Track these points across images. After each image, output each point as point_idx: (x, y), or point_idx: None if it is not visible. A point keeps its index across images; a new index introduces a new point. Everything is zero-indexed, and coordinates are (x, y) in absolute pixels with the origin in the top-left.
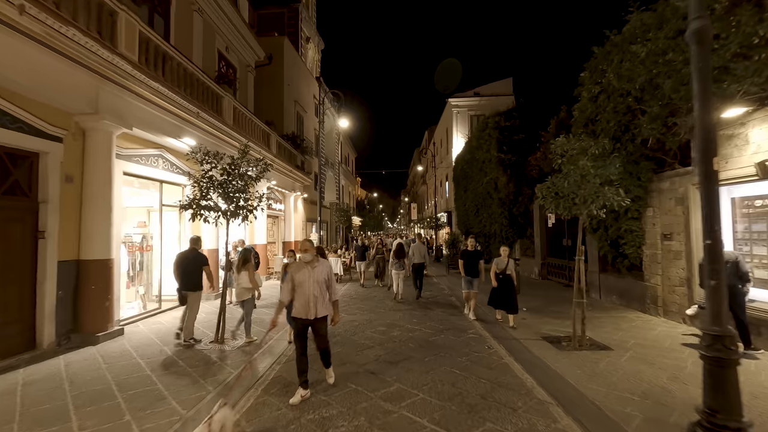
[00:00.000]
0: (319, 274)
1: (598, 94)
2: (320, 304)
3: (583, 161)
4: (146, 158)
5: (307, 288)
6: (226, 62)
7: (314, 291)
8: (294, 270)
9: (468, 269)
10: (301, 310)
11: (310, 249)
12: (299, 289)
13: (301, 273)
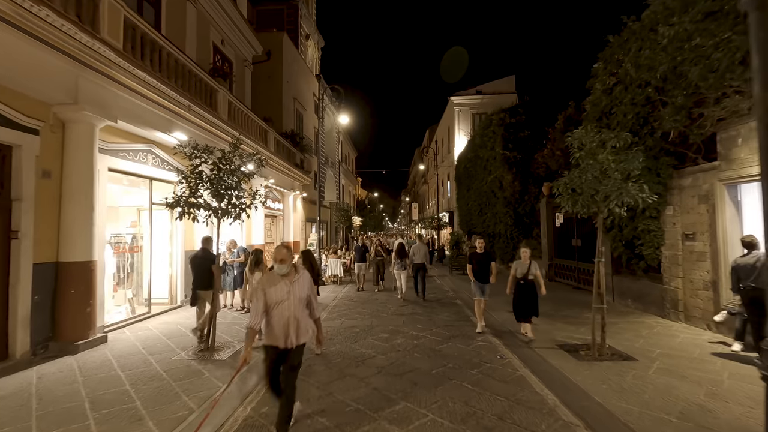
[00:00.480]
0: (300, 290)
1: (614, 86)
2: (302, 327)
3: (603, 155)
4: (134, 154)
5: (287, 308)
6: (221, 56)
7: (295, 312)
8: (267, 284)
9: (478, 274)
10: (277, 337)
11: (286, 258)
12: (275, 310)
13: (276, 289)
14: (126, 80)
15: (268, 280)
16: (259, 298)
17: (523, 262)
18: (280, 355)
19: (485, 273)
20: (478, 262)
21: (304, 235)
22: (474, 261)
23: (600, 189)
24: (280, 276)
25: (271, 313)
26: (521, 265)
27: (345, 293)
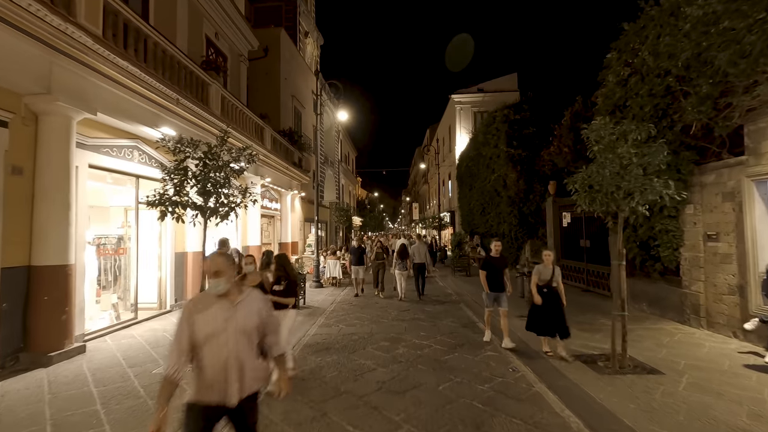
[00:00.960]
0: (245, 317)
1: (629, 77)
2: (248, 371)
3: (624, 148)
4: (119, 150)
5: (224, 345)
6: (215, 49)
7: (237, 349)
8: (194, 309)
9: (493, 282)
10: (209, 388)
11: (223, 271)
12: (207, 347)
13: (209, 316)
14: (106, 70)
15: (196, 304)
16: (181, 331)
17: (546, 266)
18: (215, 415)
19: (501, 280)
20: (492, 269)
21: (303, 236)
22: (489, 267)
23: (622, 185)
24: (216, 297)
25: (200, 352)
26: (544, 269)
27: (344, 296)
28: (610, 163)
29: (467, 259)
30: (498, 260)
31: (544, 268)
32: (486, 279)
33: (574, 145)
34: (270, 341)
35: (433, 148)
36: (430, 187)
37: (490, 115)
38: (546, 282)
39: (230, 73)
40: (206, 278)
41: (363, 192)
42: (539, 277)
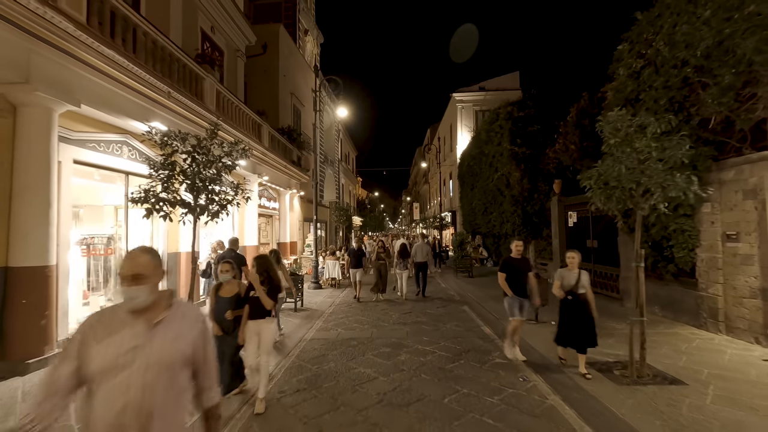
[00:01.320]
0: (164, 346)
1: (641, 69)
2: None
3: (644, 141)
4: (106, 145)
5: (123, 386)
6: (211, 43)
7: (143, 395)
8: (94, 331)
9: (516, 286)
10: None
11: (146, 276)
12: (100, 388)
13: (111, 342)
14: (91, 59)
15: (96, 323)
16: (63, 360)
17: (570, 270)
18: None
19: (524, 284)
20: (514, 271)
21: (302, 236)
22: (510, 270)
23: (642, 181)
24: (128, 313)
25: (94, 392)
26: (568, 274)
27: (343, 298)
28: (626, 157)
29: (469, 260)
30: (520, 262)
31: (567, 272)
32: (506, 282)
33: (581, 142)
34: (201, 384)
35: (434, 146)
36: (431, 186)
37: (493, 112)
38: (571, 287)
39: (227, 69)
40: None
41: (363, 192)
42: (564, 283)
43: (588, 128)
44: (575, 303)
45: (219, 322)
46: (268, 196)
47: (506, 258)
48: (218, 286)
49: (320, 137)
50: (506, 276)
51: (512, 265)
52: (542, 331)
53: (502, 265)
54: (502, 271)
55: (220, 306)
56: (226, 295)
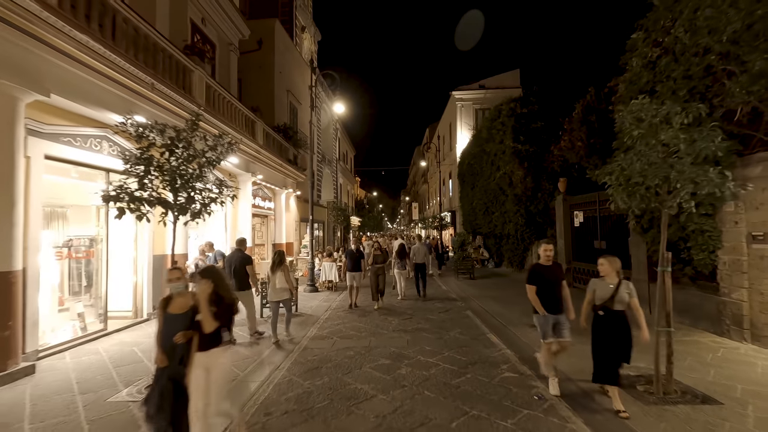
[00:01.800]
0: None
1: (657, 59)
2: None
3: (672, 132)
4: (84, 140)
5: None
6: (202, 36)
7: None
8: None
9: (549, 300)
10: None
11: None
12: None
13: None
14: (61, 44)
15: None
16: None
17: (605, 280)
18: None
19: (558, 297)
20: (546, 282)
21: (299, 236)
22: (540, 280)
23: (672, 176)
24: None
25: None
26: (601, 285)
27: (340, 302)
28: (649, 150)
29: (471, 261)
30: (551, 270)
31: (600, 282)
32: (536, 295)
33: (588, 138)
34: None
35: (434, 145)
36: (430, 186)
37: (495, 109)
38: (604, 301)
39: (219, 63)
40: None
41: (362, 192)
42: (594, 295)
43: (595, 124)
44: (610, 318)
45: (166, 348)
46: (262, 195)
47: (534, 266)
48: (167, 300)
49: (318, 136)
50: (537, 289)
51: (542, 274)
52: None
53: (531, 275)
54: (531, 283)
55: (170, 326)
56: (178, 311)
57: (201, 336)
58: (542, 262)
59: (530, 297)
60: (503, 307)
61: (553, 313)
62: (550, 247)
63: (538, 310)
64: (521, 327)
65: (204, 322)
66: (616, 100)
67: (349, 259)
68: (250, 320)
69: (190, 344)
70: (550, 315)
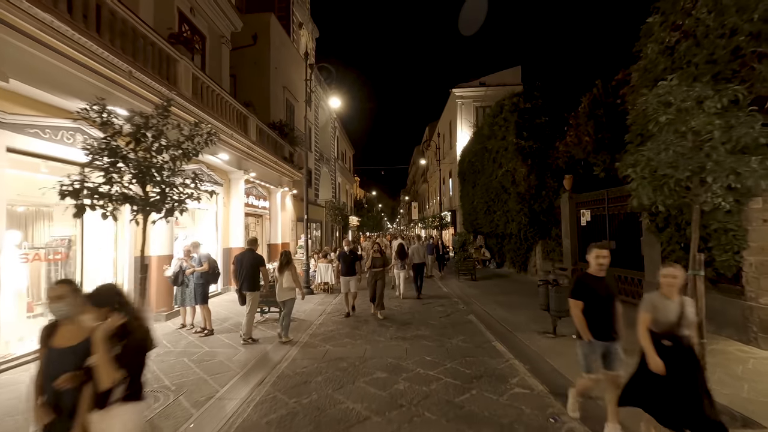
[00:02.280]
0: None
1: (676, 43)
2: None
3: (704, 118)
4: (54, 132)
5: None
6: (190, 26)
7: None
8: None
9: (598, 322)
10: None
11: None
12: None
13: None
14: (20, 23)
15: None
16: None
17: (667, 297)
18: None
19: (610, 319)
20: (597, 298)
21: (295, 236)
22: (588, 294)
23: (708, 167)
24: None
25: None
26: (663, 303)
27: (335, 305)
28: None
29: (472, 262)
30: (603, 283)
31: (661, 299)
32: (584, 316)
33: (596, 133)
34: None
35: (434, 143)
36: (430, 185)
37: (497, 104)
38: (670, 327)
39: (209, 55)
40: None
41: (361, 191)
42: (656, 317)
43: (603, 119)
44: (678, 352)
45: (49, 395)
46: (256, 194)
47: (582, 277)
48: (50, 329)
49: (315, 134)
50: (584, 307)
51: (590, 288)
52: (565, 349)
53: (576, 288)
54: (577, 297)
55: (54, 365)
56: (65, 344)
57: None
58: (592, 272)
59: (574, 316)
60: (508, 311)
61: (602, 340)
62: (606, 254)
63: (582, 333)
64: (529, 334)
65: (100, 370)
66: (629, 91)
67: (342, 263)
68: (248, 325)
69: (80, 392)
70: (598, 342)
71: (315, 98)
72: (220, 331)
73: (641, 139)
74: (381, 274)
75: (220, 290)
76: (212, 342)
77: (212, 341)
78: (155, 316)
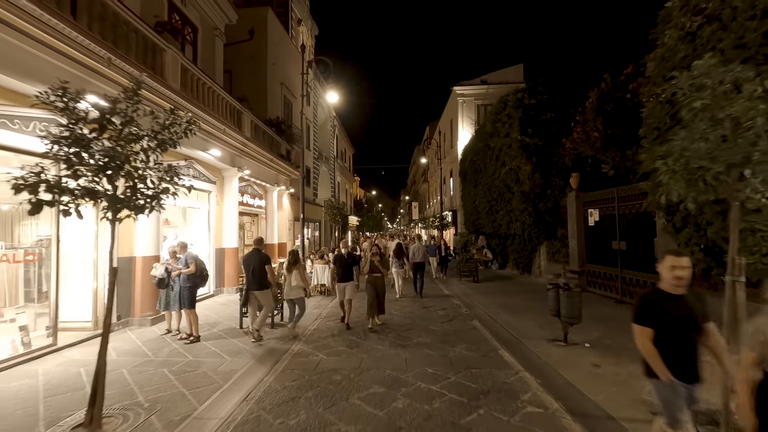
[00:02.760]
0: None
1: (699, 28)
2: None
3: (745, 103)
4: (24, 123)
5: None
6: (181, 16)
7: None
8: None
9: (677, 356)
10: None
11: None
12: None
13: None
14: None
15: None
16: None
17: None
18: None
19: (693, 353)
20: (673, 323)
21: (293, 236)
22: (661, 318)
23: (755, 158)
24: None
25: None
26: None
27: (331, 309)
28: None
29: (475, 263)
30: (683, 304)
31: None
32: (656, 349)
33: (605, 129)
34: None
35: (434, 141)
36: (431, 185)
37: (500, 100)
38: None
39: (202, 47)
40: None
41: (361, 191)
42: (762, 351)
43: (612, 114)
44: None
45: None
46: (252, 192)
47: (650, 294)
48: None
49: (314, 132)
50: (654, 334)
51: (664, 309)
52: (578, 359)
53: (642, 310)
54: (644, 323)
55: None
56: None
57: None
58: (666, 287)
59: (642, 348)
60: (513, 315)
61: (686, 381)
62: (685, 263)
63: (657, 371)
64: (538, 342)
65: None
66: (643, 82)
67: (339, 266)
68: (262, 319)
69: None
70: (680, 383)
71: (314, 96)
72: (207, 337)
73: (657, 133)
74: (380, 281)
75: (212, 292)
76: (197, 350)
77: (197, 349)
78: (139, 321)
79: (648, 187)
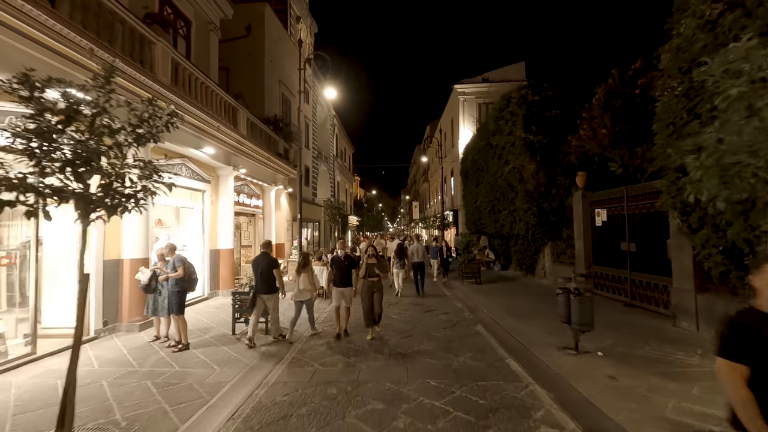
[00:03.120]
0: None
1: (720, 16)
2: None
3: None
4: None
5: None
6: (173, 9)
7: None
8: None
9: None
10: None
11: None
12: None
13: None
14: None
15: None
16: None
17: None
18: None
19: None
20: None
21: (291, 237)
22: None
23: None
24: None
25: None
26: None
27: (329, 314)
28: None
29: (477, 264)
30: None
31: None
32: (752, 394)
33: (613, 126)
34: None
35: (435, 140)
36: (431, 184)
37: (503, 97)
38: None
39: (195, 42)
40: None
41: (361, 191)
42: None
43: (620, 110)
44: None
45: None
46: (248, 192)
47: (741, 316)
48: None
49: (313, 130)
50: (750, 377)
51: (765, 338)
52: (592, 370)
53: (733, 339)
54: (736, 359)
55: None
56: None
57: None
58: (763, 306)
59: (731, 391)
60: (518, 320)
61: None
62: None
63: (748, 426)
64: (547, 349)
65: None
66: (657, 75)
67: (336, 269)
68: (274, 323)
69: None
70: None
71: (313, 94)
72: (196, 345)
73: (673, 128)
74: (378, 285)
75: (206, 295)
76: (185, 359)
77: (186, 358)
78: (127, 327)
79: (662, 186)
